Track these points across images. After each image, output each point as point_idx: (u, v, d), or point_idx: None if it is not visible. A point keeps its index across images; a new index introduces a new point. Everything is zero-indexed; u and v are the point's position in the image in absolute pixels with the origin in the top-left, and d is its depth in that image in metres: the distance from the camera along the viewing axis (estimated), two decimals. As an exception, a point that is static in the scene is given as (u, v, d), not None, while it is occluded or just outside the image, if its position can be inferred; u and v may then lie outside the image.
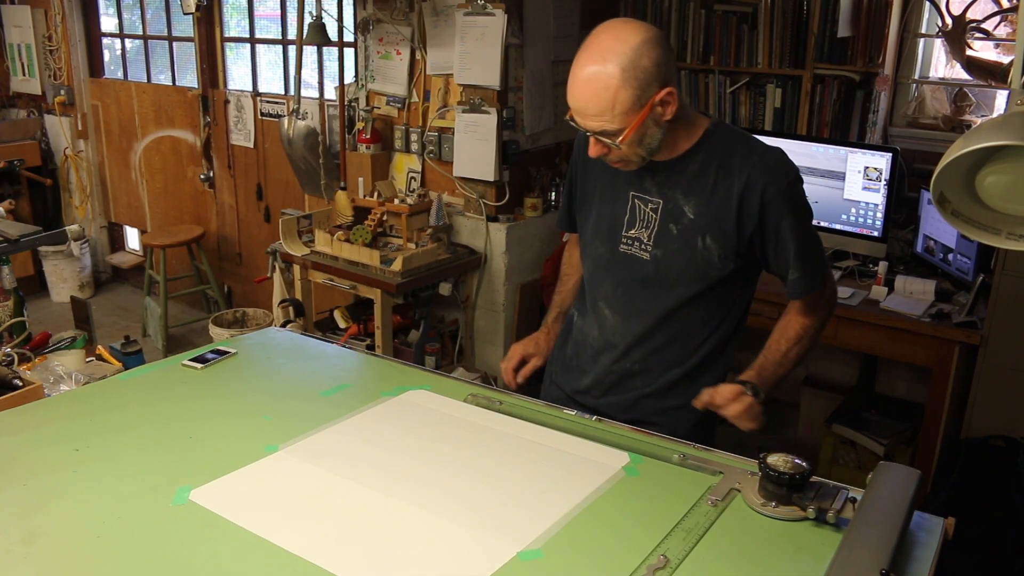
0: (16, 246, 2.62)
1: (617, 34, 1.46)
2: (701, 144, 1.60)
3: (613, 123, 1.48)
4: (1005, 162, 1.23)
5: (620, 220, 1.68)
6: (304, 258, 3.52)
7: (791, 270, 1.62)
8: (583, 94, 1.47)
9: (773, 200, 1.56)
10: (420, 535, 1.23)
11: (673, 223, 1.62)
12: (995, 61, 2.96)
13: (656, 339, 1.70)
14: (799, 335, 1.70)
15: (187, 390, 1.72)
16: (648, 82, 1.45)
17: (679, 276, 1.64)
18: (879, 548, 1.09)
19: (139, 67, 5.13)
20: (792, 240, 1.59)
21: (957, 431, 2.76)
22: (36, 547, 1.19)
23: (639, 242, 1.66)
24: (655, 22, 3.62)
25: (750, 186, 1.56)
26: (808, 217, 1.62)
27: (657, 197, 1.63)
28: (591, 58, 1.46)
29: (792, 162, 1.61)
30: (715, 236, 1.60)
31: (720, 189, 1.58)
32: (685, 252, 1.62)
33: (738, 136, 1.62)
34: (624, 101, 1.45)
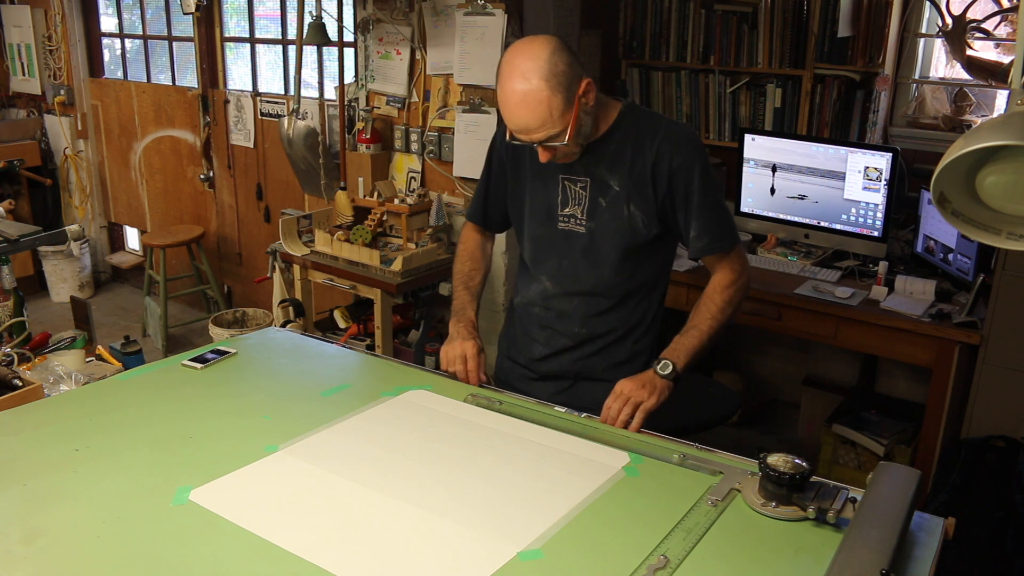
0: (16, 246, 2.62)
1: (528, 54, 1.62)
2: (617, 124, 1.79)
3: (555, 128, 1.65)
4: (1005, 162, 1.23)
5: (555, 201, 1.85)
6: (304, 258, 3.52)
7: (691, 229, 1.78)
8: (522, 114, 1.64)
9: (680, 168, 1.75)
10: (420, 535, 1.23)
11: (601, 197, 1.81)
12: (995, 61, 2.96)
13: (598, 303, 1.86)
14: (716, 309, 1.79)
15: (187, 390, 1.72)
16: (569, 82, 1.63)
17: (613, 243, 1.81)
18: (879, 548, 1.09)
19: (139, 67, 5.13)
20: (694, 203, 1.76)
21: (957, 431, 2.76)
22: (36, 547, 1.19)
23: (574, 218, 1.84)
24: (655, 22, 3.63)
25: (660, 156, 1.75)
26: (712, 185, 1.77)
27: (584, 176, 1.81)
28: (517, 82, 1.62)
29: (695, 135, 1.82)
30: (637, 204, 1.78)
31: (637, 162, 1.77)
32: (615, 221, 1.80)
33: (648, 115, 1.83)
34: (558, 106, 1.62)
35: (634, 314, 1.87)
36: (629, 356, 1.88)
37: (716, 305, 1.79)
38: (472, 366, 1.84)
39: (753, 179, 3.39)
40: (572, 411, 1.66)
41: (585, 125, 1.71)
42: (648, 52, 3.68)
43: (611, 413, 1.65)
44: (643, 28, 3.66)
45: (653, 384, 1.69)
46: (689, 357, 1.73)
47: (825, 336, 2.95)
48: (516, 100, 1.62)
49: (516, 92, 1.62)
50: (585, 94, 1.66)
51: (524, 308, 1.96)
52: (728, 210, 1.84)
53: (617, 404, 1.65)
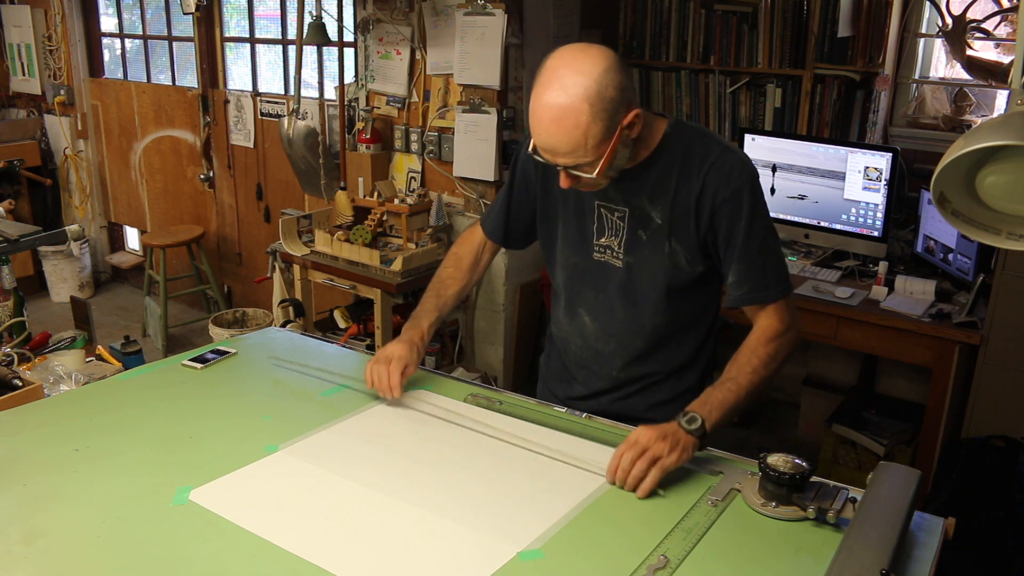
0: (16, 246, 2.61)
1: (578, 66, 1.41)
2: (661, 148, 1.58)
3: (587, 157, 1.44)
4: (1005, 162, 1.23)
5: (590, 229, 1.67)
6: (304, 258, 3.52)
7: (731, 273, 1.58)
8: (552, 135, 1.42)
9: (724, 203, 1.54)
10: (420, 535, 1.23)
11: (642, 229, 1.62)
12: (995, 61, 2.96)
13: (637, 344, 1.69)
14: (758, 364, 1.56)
15: (187, 390, 1.72)
16: (616, 110, 1.42)
17: (653, 282, 1.64)
18: (879, 548, 1.09)
19: (139, 67, 5.13)
20: (739, 246, 1.56)
21: (957, 431, 2.76)
22: (36, 547, 1.19)
23: (611, 250, 1.66)
24: (655, 22, 3.63)
25: (705, 188, 1.55)
26: (760, 225, 1.56)
27: (623, 205, 1.62)
28: (556, 95, 1.40)
29: (749, 164, 1.58)
30: (680, 239, 1.60)
31: (681, 192, 1.57)
32: (655, 257, 1.62)
33: (696, 136, 1.60)
34: (596, 135, 1.42)
35: (677, 353, 1.70)
36: (672, 396, 1.71)
37: (759, 358, 1.55)
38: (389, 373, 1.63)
39: (753, 179, 3.39)
40: (572, 411, 1.66)
41: (620, 158, 1.50)
42: (648, 52, 3.68)
43: (623, 465, 1.37)
44: (643, 28, 3.66)
45: (676, 438, 1.40)
46: (722, 413, 1.47)
47: (825, 336, 2.95)
48: (550, 116, 1.41)
49: (552, 107, 1.40)
50: (630, 126, 1.46)
51: (563, 343, 1.80)
52: (779, 254, 1.60)
53: (630, 455, 1.37)
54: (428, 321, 1.78)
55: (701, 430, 1.42)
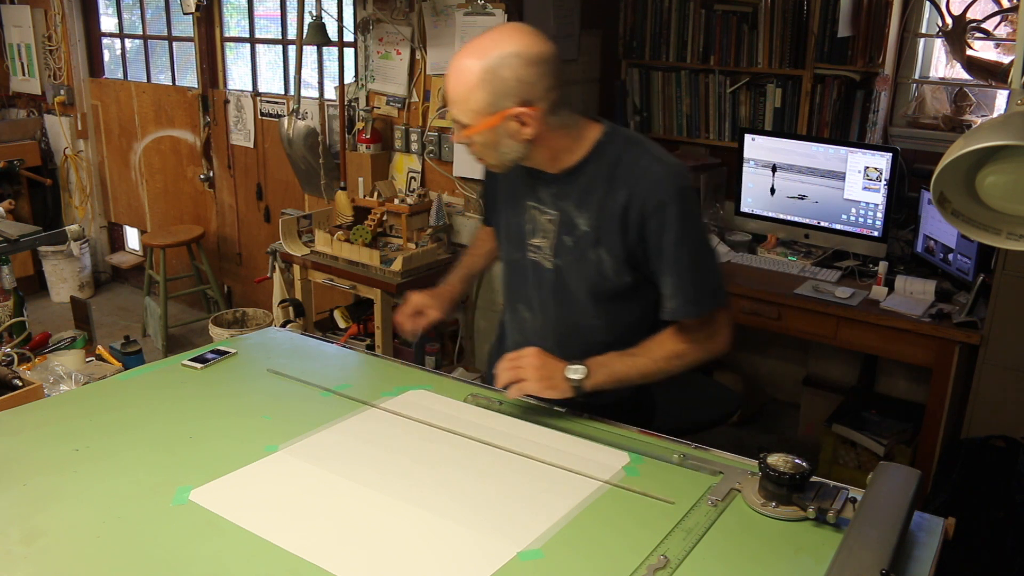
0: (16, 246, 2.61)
1: (500, 37, 1.47)
2: (591, 156, 1.58)
3: (464, 116, 1.50)
4: (1005, 162, 1.23)
5: (524, 228, 1.69)
6: (304, 258, 3.52)
7: (662, 286, 1.57)
8: (448, 81, 1.52)
9: (652, 215, 1.52)
10: (420, 535, 1.23)
11: (568, 235, 1.62)
12: (995, 61, 2.96)
13: (574, 346, 1.66)
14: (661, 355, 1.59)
15: (187, 390, 1.72)
16: (504, 93, 1.45)
17: (579, 287, 1.64)
18: (879, 548, 1.09)
19: (139, 67, 5.13)
20: (669, 258, 1.53)
21: (957, 431, 2.76)
22: (36, 547, 1.19)
23: (541, 251, 1.67)
24: (655, 22, 3.63)
25: (633, 198, 1.53)
26: (692, 236, 1.53)
27: (553, 209, 1.63)
28: (467, 50, 1.49)
29: (681, 174, 1.55)
30: (607, 248, 1.58)
31: (609, 200, 1.55)
32: (581, 264, 1.61)
33: (630, 144, 1.58)
34: (476, 100, 1.47)
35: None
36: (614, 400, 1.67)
37: (665, 351, 1.59)
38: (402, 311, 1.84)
39: (753, 179, 3.39)
40: (572, 411, 1.65)
41: (507, 147, 1.53)
42: (648, 52, 3.68)
43: (498, 368, 1.58)
44: (643, 28, 3.66)
45: (553, 380, 1.54)
46: (609, 380, 1.56)
47: (825, 336, 2.95)
48: (453, 65, 1.50)
49: (458, 58, 1.49)
50: (519, 120, 1.48)
51: (509, 333, 1.84)
52: (711, 267, 1.58)
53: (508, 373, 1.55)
54: (457, 280, 1.95)
55: (579, 385, 1.54)
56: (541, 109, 1.49)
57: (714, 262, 1.60)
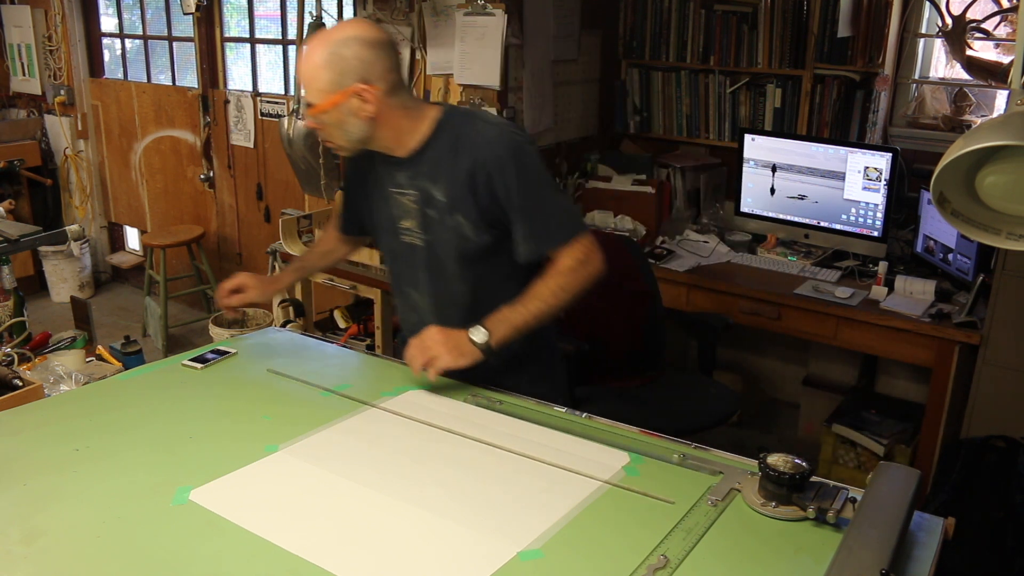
0: (16, 246, 2.62)
1: (343, 26, 1.67)
2: (434, 134, 1.74)
3: (313, 96, 1.65)
4: (1005, 162, 1.23)
5: (392, 214, 1.83)
6: (304, 258, 3.51)
7: (515, 230, 1.73)
8: (300, 67, 1.69)
9: (495, 172, 1.69)
10: (420, 535, 1.23)
11: (430, 209, 1.77)
12: (995, 61, 2.96)
13: (452, 312, 1.82)
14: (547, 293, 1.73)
15: (187, 390, 1.72)
16: (345, 71, 1.62)
17: (449, 254, 1.79)
18: (879, 548, 1.09)
19: (139, 67, 5.13)
20: (517, 203, 1.70)
21: (957, 431, 2.76)
22: (36, 547, 1.19)
23: (412, 231, 1.82)
24: (655, 22, 3.63)
25: (476, 162, 1.69)
26: (534, 183, 1.71)
27: (412, 189, 1.78)
28: (315, 40, 1.65)
29: (515, 133, 1.74)
30: (462, 212, 1.74)
31: (457, 169, 1.72)
32: (446, 232, 1.77)
33: (466, 117, 1.77)
34: (321, 79, 1.62)
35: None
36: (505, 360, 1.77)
37: (549, 289, 1.72)
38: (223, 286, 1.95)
39: (753, 179, 3.39)
40: (572, 411, 1.66)
41: (353, 127, 1.68)
42: (648, 52, 3.68)
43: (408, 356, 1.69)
44: (643, 28, 3.66)
45: (459, 347, 1.65)
46: (509, 331, 1.68)
47: (825, 336, 2.95)
48: (304, 53, 1.67)
49: (308, 47, 1.66)
50: (360, 97, 1.63)
51: (404, 322, 1.99)
52: (560, 204, 1.76)
53: (414, 351, 1.67)
54: (290, 269, 2.16)
55: (486, 346, 1.66)
56: (381, 88, 1.65)
57: (560, 200, 1.79)
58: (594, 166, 3.79)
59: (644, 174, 3.62)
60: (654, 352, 3.01)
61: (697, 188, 3.63)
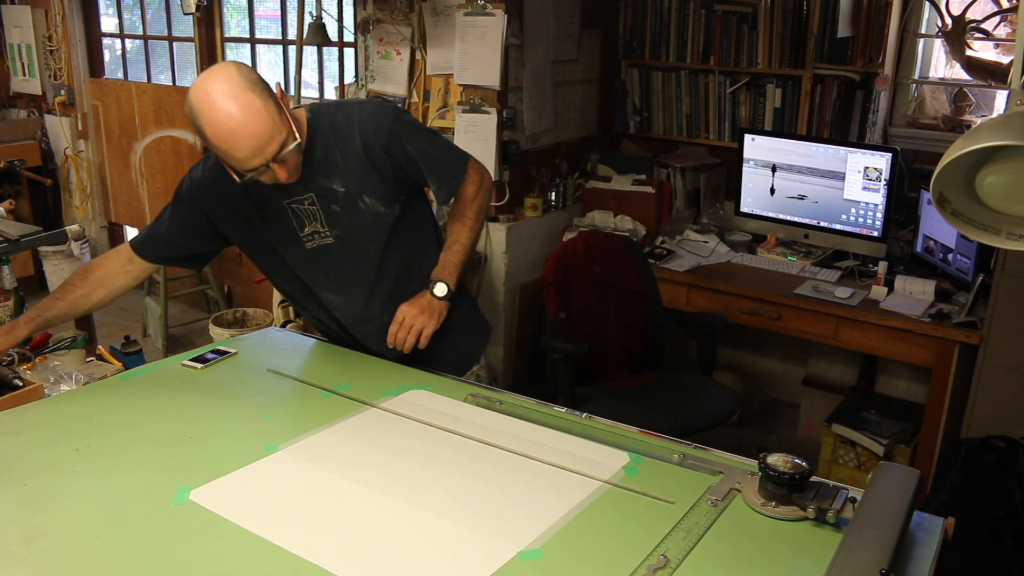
0: (16, 246, 2.62)
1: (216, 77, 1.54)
2: (313, 130, 1.75)
3: (282, 133, 1.58)
4: (1005, 162, 1.23)
5: (290, 227, 1.81)
6: (304, 258, 3.51)
7: (430, 182, 1.84)
8: (250, 134, 1.53)
9: (388, 141, 1.76)
10: (420, 535, 1.23)
11: (333, 204, 1.79)
12: (995, 61, 2.96)
13: (383, 292, 1.87)
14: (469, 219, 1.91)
15: (187, 390, 1.72)
16: (267, 86, 1.60)
17: (365, 237, 1.82)
18: (879, 548, 1.09)
19: (139, 67, 5.13)
20: (419, 160, 1.80)
21: (957, 431, 2.76)
22: (36, 547, 1.19)
23: (318, 234, 1.82)
24: (655, 22, 3.63)
25: (366, 140, 1.75)
26: (422, 134, 1.83)
27: (305, 192, 1.77)
28: (225, 104, 1.52)
29: (387, 104, 1.86)
30: (370, 192, 1.79)
31: (348, 156, 1.76)
32: (357, 218, 1.80)
33: (333, 108, 1.81)
34: (274, 110, 1.57)
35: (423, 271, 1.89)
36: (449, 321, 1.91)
37: (470, 218, 1.90)
38: None
39: (753, 179, 3.39)
40: (572, 411, 1.66)
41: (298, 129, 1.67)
42: (648, 52, 3.68)
43: (397, 341, 1.81)
44: (643, 28, 3.66)
45: (432, 308, 1.82)
46: (458, 271, 1.86)
47: (825, 336, 2.95)
48: (236, 123, 1.52)
49: (233, 115, 1.51)
50: (283, 97, 1.63)
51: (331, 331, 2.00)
52: (443, 143, 1.89)
53: (402, 333, 1.80)
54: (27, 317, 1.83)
55: (450, 294, 1.83)
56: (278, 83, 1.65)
57: (441, 139, 1.91)
58: (594, 166, 3.79)
59: (644, 174, 3.62)
60: (654, 352, 3.01)
61: (697, 188, 3.64)
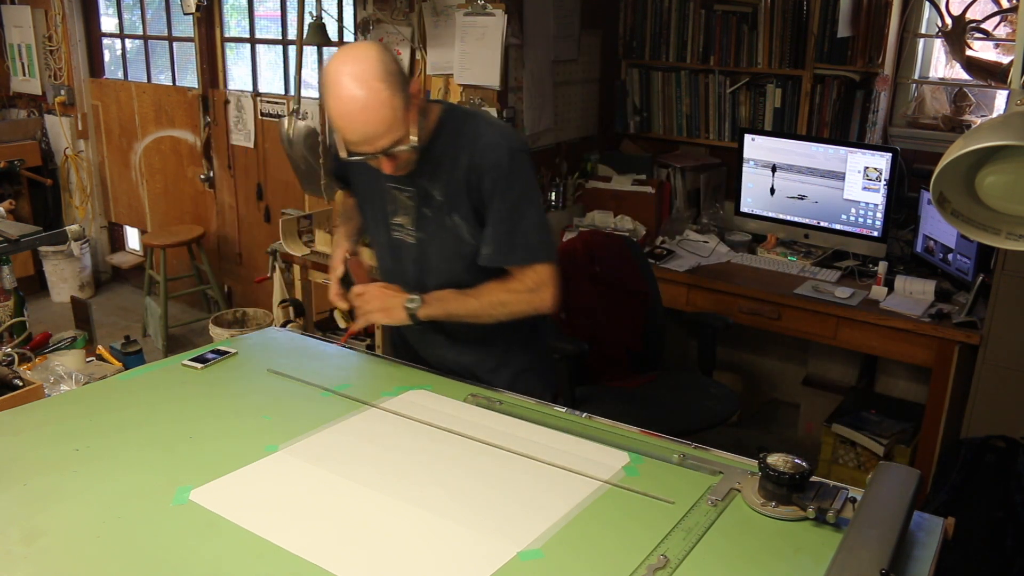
0: (16, 246, 2.61)
1: (356, 57, 1.53)
2: (438, 131, 1.70)
3: (400, 131, 1.56)
4: (1005, 162, 1.23)
5: (386, 209, 1.81)
6: (304, 258, 3.51)
7: (484, 237, 1.71)
8: (366, 122, 1.53)
9: (485, 173, 1.67)
10: (420, 535, 1.23)
11: (426, 207, 1.75)
12: (995, 61, 2.96)
13: None
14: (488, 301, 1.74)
15: (187, 390, 1.72)
16: (404, 81, 1.56)
17: (441, 253, 1.78)
18: (879, 548, 1.09)
19: (139, 67, 5.13)
20: (493, 209, 1.69)
21: (957, 431, 2.76)
22: (36, 547, 1.19)
23: (404, 228, 1.80)
24: (655, 22, 3.63)
25: (472, 161, 1.67)
26: (515, 193, 1.68)
27: (410, 186, 1.75)
28: (351, 86, 1.50)
29: (514, 139, 1.71)
30: (460, 213, 1.72)
31: (455, 168, 1.69)
32: (441, 232, 1.76)
33: (467, 116, 1.73)
34: (399, 106, 1.54)
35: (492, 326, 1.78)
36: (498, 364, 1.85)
37: (492, 299, 1.73)
38: None
39: (753, 179, 3.39)
40: (572, 411, 1.66)
41: (422, 127, 1.62)
42: (648, 52, 3.68)
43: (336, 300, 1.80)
44: (643, 28, 3.66)
45: (392, 309, 1.73)
46: (440, 313, 1.74)
47: (825, 336, 2.95)
48: (357, 107, 1.51)
49: (356, 99, 1.50)
50: (416, 93, 1.59)
51: None
52: (534, 225, 1.71)
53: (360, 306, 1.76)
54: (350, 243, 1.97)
55: (413, 313, 1.72)
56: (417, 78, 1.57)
57: (537, 219, 1.73)
58: (594, 166, 3.79)
59: (644, 174, 3.62)
60: (654, 352, 3.01)
61: (697, 188, 3.63)
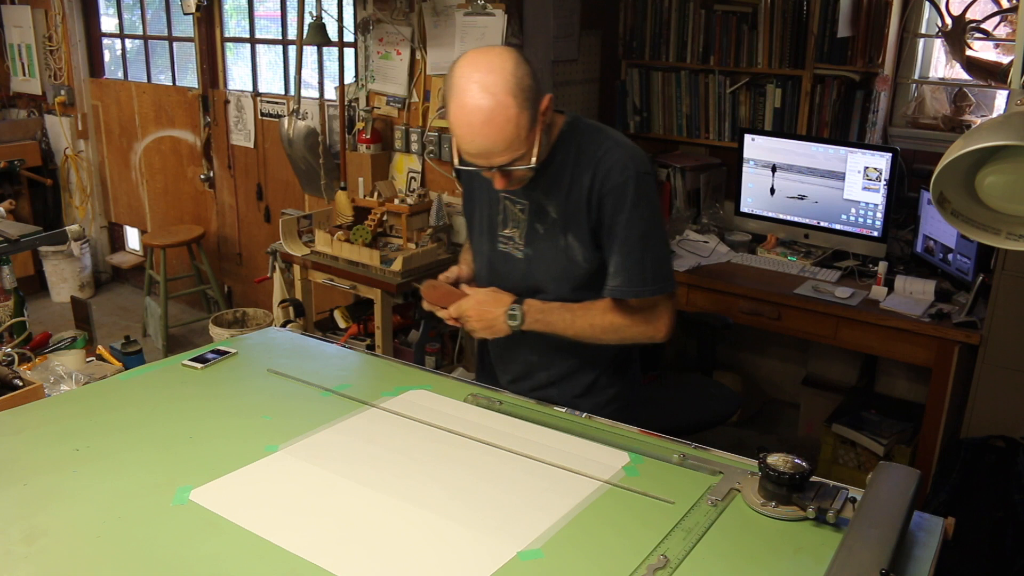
0: (16, 246, 2.62)
1: (488, 66, 1.45)
2: (559, 144, 1.62)
3: (520, 149, 1.49)
4: (1005, 162, 1.23)
5: (496, 220, 1.74)
6: (304, 258, 3.52)
7: (610, 266, 1.62)
8: (487, 135, 1.45)
9: (608, 194, 1.58)
10: (420, 535, 1.23)
11: (539, 223, 1.67)
12: (995, 61, 2.96)
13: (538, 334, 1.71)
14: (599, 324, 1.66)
15: (187, 390, 1.72)
16: (535, 98, 1.49)
17: (550, 274, 1.69)
18: (879, 548, 1.09)
19: (139, 67, 5.13)
20: (619, 237, 1.59)
21: (957, 431, 2.76)
22: (36, 547, 1.19)
23: (513, 241, 1.73)
24: (655, 22, 3.62)
25: (595, 180, 1.58)
26: (643, 219, 1.58)
27: (524, 198, 1.68)
28: (479, 98, 1.43)
29: (641, 160, 1.60)
30: (574, 233, 1.64)
31: (575, 187, 1.61)
32: (552, 251, 1.67)
33: (592, 131, 1.64)
34: (525, 125, 1.47)
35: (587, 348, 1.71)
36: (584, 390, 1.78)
37: (602, 321, 1.64)
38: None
39: (753, 179, 3.39)
40: (572, 411, 1.66)
41: (544, 146, 1.55)
42: (648, 52, 3.68)
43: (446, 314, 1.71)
44: (643, 28, 3.66)
45: (493, 324, 1.67)
46: (541, 328, 1.66)
47: (825, 336, 2.95)
48: (480, 119, 1.43)
49: (481, 110, 1.43)
50: (546, 111, 1.51)
51: None
52: (661, 253, 1.63)
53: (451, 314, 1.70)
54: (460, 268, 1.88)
55: (518, 328, 1.66)
56: (550, 96, 1.53)
57: (663, 249, 1.65)
58: (594, 166, 3.78)
59: (644, 174, 3.62)
60: (654, 352, 3.01)
61: (697, 188, 3.63)
